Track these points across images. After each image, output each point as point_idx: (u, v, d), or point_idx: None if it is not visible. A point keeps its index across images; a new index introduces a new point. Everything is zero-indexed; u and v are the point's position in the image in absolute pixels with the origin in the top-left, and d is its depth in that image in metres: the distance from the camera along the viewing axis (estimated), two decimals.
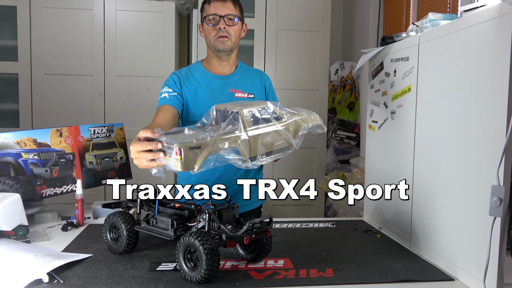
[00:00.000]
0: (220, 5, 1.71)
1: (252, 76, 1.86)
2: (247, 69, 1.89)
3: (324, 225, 1.77)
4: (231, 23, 1.72)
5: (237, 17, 1.74)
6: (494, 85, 1.09)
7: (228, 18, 1.71)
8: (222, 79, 1.81)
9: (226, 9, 1.71)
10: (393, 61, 1.67)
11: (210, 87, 1.78)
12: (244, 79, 1.83)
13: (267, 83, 1.89)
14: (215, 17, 1.71)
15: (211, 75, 1.80)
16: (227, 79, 1.81)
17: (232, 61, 1.82)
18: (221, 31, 1.71)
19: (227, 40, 1.72)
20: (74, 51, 3.09)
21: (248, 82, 1.83)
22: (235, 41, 1.76)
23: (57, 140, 1.79)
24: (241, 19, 1.77)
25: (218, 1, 1.71)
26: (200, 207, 1.30)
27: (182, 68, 1.87)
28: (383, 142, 1.77)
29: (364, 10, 3.47)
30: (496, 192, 1.05)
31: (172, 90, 1.73)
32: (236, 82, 1.81)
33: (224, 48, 1.73)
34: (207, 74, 1.80)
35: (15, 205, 1.45)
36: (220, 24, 1.71)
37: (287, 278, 1.19)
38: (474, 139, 1.17)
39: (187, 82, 1.77)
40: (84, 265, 1.26)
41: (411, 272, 1.26)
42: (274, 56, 3.26)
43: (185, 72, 1.81)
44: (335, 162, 3.43)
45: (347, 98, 3.54)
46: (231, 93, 1.79)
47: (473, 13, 1.19)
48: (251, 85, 1.83)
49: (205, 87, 1.78)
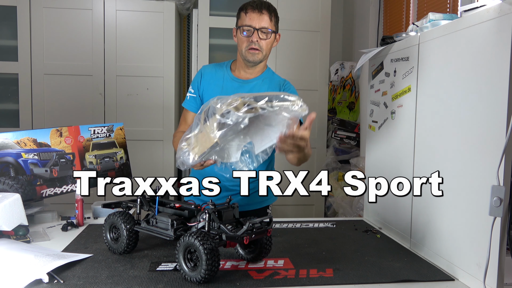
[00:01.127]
0: (256, 17, 1.69)
1: (274, 84, 1.83)
2: (271, 76, 1.86)
3: (324, 225, 1.77)
4: (264, 37, 1.71)
5: (272, 30, 1.73)
6: (494, 85, 1.09)
7: (262, 31, 1.70)
8: (240, 82, 1.81)
9: (262, 22, 1.70)
10: (393, 61, 1.67)
11: (225, 88, 1.79)
12: (263, 85, 1.81)
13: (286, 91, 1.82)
14: (250, 29, 1.70)
15: (232, 77, 1.82)
16: (245, 83, 1.81)
17: (258, 69, 1.82)
18: (253, 44, 1.71)
19: (258, 53, 1.73)
20: (74, 51, 3.09)
21: (266, 90, 1.81)
22: (266, 54, 1.77)
23: (57, 140, 1.79)
24: (275, 32, 1.76)
25: (254, 12, 1.70)
26: (200, 207, 1.30)
27: (212, 64, 1.92)
28: (383, 142, 1.77)
29: (364, 10, 3.46)
30: (496, 192, 1.05)
31: (193, 91, 1.83)
32: (253, 87, 1.80)
33: (254, 60, 1.74)
34: (229, 75, 1.82)
35: (15, 205, 1.45)
36: (254, 37, 1.70)
37: (287, 278, 1.19)
38: (474, 139, 1.17)
39: (207, 80, 1.82)
40: (84, 265, 1.26)
41: (411, 272, 1.26)
42: (274, 56, 3.26)
43: (210, 69, 1.85)
44: (335, 162, 3.43)
45: (347, 98, 3.54)
46: None
47: (473, 13, 1.19)
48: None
49: (220, 87, 1.79)
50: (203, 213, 1.22)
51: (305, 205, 3.42)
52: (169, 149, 3.20)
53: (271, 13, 1.73)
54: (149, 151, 3.18)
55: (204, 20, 3.19)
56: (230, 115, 1.20)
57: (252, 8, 1.70)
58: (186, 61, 3.71)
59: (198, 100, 1.82)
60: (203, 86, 1.82)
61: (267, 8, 1.72)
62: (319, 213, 3.43)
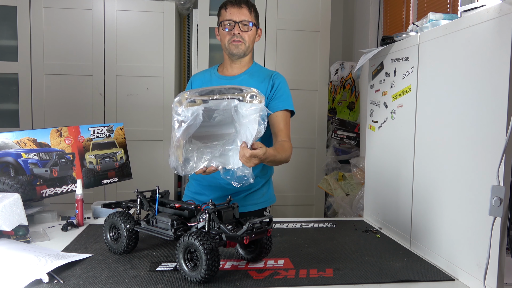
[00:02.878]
0: (235, 11, 1.77)
1: (262, 77, 1.84)
2: (259, 70, 1.89)
3: (324, 225, 1.77)
4: (245, 29, 1.78)
5: (252, 23, 1.79)
6: (494, 85, 1.09)
7: (243, 24, 1.77)
8: (227, 79, 1.85)
9: (242, 15, 1.77)
10: (393, 61, 1.67)
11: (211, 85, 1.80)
12: (250, 80, 1.83)
13: (276, 82, 1.83)
14: (231, 23, 1.77)
15: (219, 76, 1.88)
16: (231, 79, 1.84)
17: (244, 63, 1.86)
18: (236, 36, 1.77)
19: (241, 45, 1.79)
20: (74, 51, 3.09)
21: (255, 82, 1.82)
22: (249, 46, 1.82)
23: (57, 140, 1.79)
24: (255, 25, 1.83)
25: (234, 7, 1.77)
26: (200, 207, 1.30)
27: (199, 72, 2.02)
28: (383, 142, 1.77)
29: (364, 10, 3.47)
30: (496, 192, 1.05)
31: None
32: (240, 82, 1.82)
33: (238, 52, 1.79)
34: (216, 75, 1.88)
35: (15, 205, 1.45)
36: (235, 29, 1.77)
37: (287, 278, 1.19)
38: (474, 139, 1.17)
39: (197, 84, 1.90)
40: (84, 265, 1.26)
41: (411, 272, 1.26)
42: (274, 56, 3.26)
43: (199, 75, 1.95)
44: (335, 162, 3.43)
45: (347, 98, 3.54)
46: None
47: (473, 13, 1.19)
48: (257, 85, 1.82)
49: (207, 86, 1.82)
50: (203, 213, 1.22)
51: (305, 205, 3.42)
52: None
53: (250, 7, 1.80)
54: (149, 151, 3.18)
55: (204, 20, 3.19)
56: (181, 111, 1.27)
57: (231, 3, 1.78)
58: (186, 61, 3.71)
59: None
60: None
61: (245, 2, 1.79)
62: (319, 213, 3.43)
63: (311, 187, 3.39)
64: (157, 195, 1.38)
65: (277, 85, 1.82)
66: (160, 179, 3.13)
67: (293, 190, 3.37)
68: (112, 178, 1.93)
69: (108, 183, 1.94)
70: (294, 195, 3.37)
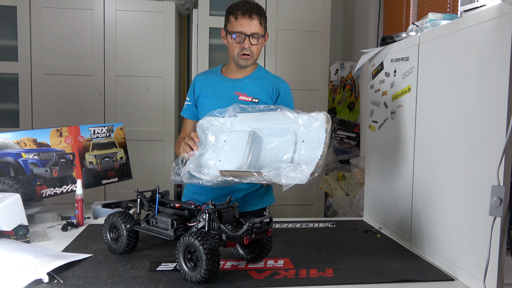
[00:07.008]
0: (246, 23, 1.70)
1: (266, 81, 1.84)
2: (264, 74, 1.88)
3: (324, 225, 1.77)
4: (255, 42, 1.73)
5: (262, 35, 1.75)
6: (494, 85, 1.09)
7: (253, 37, 1.72)
8: (232, 82, 1.84)
9: (252, 27, 1.71)
10: (393, 61, 1.67)
11: (217, 89, 1.83)
12: (254, 83, 1.83)
13: (282, 90, 1.84)
14: (240, 35, 1.71)
15: (223, 78, 1.86)
16: (236, 82, 1.83)
17: (249, 68, 1.84)
18: (245, 50, 1.73)
19: (250, 59, 1.76)
20: (74, 51, 3.09)
21: (258, 87, 1.82)
22: (257, 57, 1.80)
23: (57, 140, 1.78)
24: (264, 34, 1.77)
25: (245, 17, 1.70)
26: (200, 207, 1.30)
27: (202, 72, 1.98)
28: (383, 142, 1.77)
29: (364, 10, 3.46)
30: (496, 192, 1.05)
31: (189, 99, 1.89)
32: (244, 85, 1.82)
33: (246, 64, 1.78)
34: (220, 77, 1.87)
35: (15, 205, 1.45)
36: (245, 43, 1.72)
37: (287, 278, 1.19)
38: (474, 139, 1.17)
39: (200, 85, 1.88)
40: (84, 265, 1.26)
41: (411, 272, 1.26)
42: (274, 56, 3.26)
43: (202, 76, 1.92)
44: (335, 162, 3.43)
45: (347, 98, 3.54)
46: (235, 95, 1.80)
47: (473, 13, 1.19)
48: (260, 90, 1.81)
49: (213, 88, 1.84)
50: (203, 213, 1.22)
51: (305, 205, 3.42)
52: (169, 149, 3.20)
53: (260, 16, 1.73)
54: (149, 151, 3.18)
55: (204, 20, 3.19)
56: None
57: (242, 13, 1.70)
58: (186, 61, 3.71)
59: (194, 107, 1.89)
60: (197, 91, 1.87)
61: (256, 12, 1.71)
62: (319, 213, 3.43)
63: (311, 187, 3.39)
64: (157, 195, 1.38)
65: (283, 93, 1.84)
66: (160, 179, 3.13)
67: (293, 190, 3.35)
68: (112, 178, 1.93)
69: (108, 183, 1.94)
70: (294, 195, 3.37)
